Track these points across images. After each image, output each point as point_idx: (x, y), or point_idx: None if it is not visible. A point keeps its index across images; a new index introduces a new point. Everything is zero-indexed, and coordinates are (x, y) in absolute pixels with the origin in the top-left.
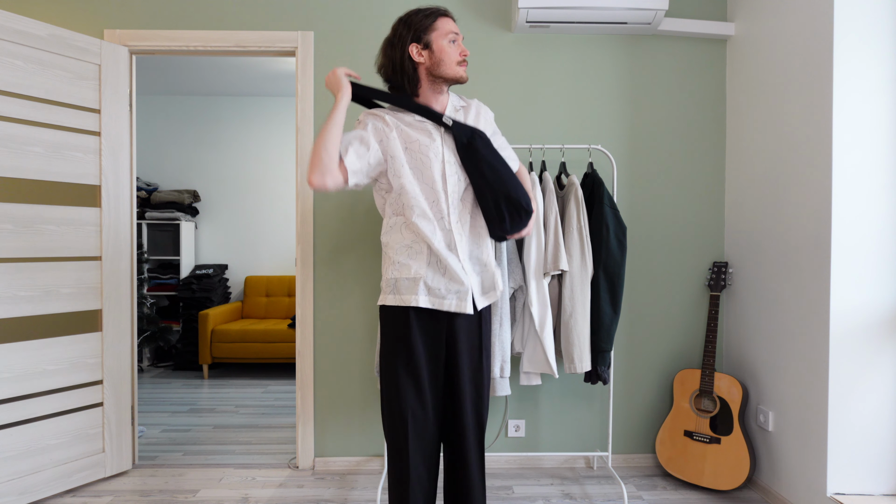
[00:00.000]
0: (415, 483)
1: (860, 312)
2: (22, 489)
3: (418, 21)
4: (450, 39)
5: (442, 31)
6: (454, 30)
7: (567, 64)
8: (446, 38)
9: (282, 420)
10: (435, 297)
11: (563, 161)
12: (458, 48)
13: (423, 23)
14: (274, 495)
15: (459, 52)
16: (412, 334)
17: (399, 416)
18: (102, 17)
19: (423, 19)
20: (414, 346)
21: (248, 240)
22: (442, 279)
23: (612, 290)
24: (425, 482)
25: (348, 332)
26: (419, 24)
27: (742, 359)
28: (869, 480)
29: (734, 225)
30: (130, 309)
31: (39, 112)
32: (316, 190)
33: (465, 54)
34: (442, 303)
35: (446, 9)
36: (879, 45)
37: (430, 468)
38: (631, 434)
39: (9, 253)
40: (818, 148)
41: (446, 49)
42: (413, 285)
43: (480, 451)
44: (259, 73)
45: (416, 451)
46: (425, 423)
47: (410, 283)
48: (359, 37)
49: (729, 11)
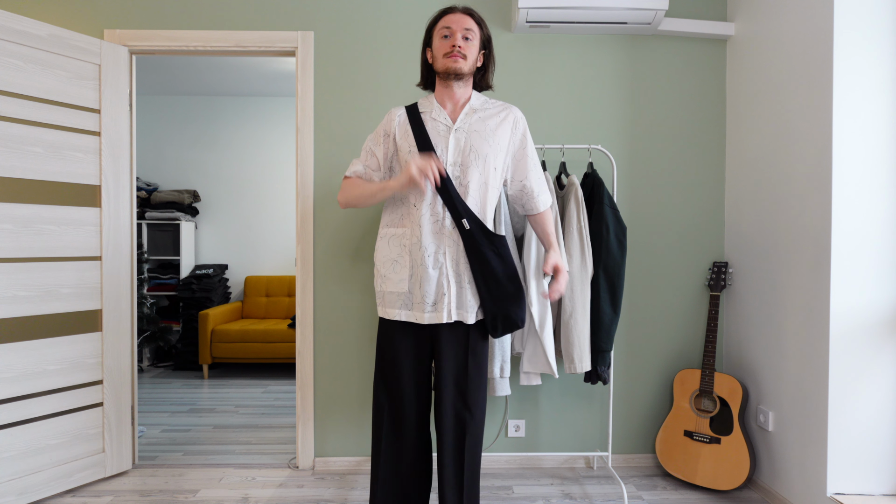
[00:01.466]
0: (384, 481)
1: (860, 312)
2: (22, 489)
3: (429, 24)
4: (442, 35)
5: (438, 28)
6: (447, 24)
7: (567, 64)
8: (439, 34)
9: (282, 420)
10: (417, 310)
11: (563, 161)
12: (450, 41)
13: (430, 24)
14: (274, 495)
15: (449, 45)
16: (395, 344)
17: (376, 421)
18: (102, 17)
19: (431, 21)
20: (397, 356)
21: (248, 240)
22: (420, 291)
23: (612, 290)
24: (396, 481)
25: (348, 332)
26: (428, 27)
27: (742, 359)
28: (869, 480)
29: (734, 225)
30: (130, 309)
31: (39, 112)
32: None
33: (452, 45)
34: (423, 316)
35: (453, 6)
36: (879, 44)
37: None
38: (631, 434)
39: (8, 253)
40: (818, 147)
41: (437, 44)
42: (396, 299)
43: (459, 454)
44: (259, 73)
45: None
46: (403, 434)
47: (394, 297)
48: (359, 37)
49: (729, 11)
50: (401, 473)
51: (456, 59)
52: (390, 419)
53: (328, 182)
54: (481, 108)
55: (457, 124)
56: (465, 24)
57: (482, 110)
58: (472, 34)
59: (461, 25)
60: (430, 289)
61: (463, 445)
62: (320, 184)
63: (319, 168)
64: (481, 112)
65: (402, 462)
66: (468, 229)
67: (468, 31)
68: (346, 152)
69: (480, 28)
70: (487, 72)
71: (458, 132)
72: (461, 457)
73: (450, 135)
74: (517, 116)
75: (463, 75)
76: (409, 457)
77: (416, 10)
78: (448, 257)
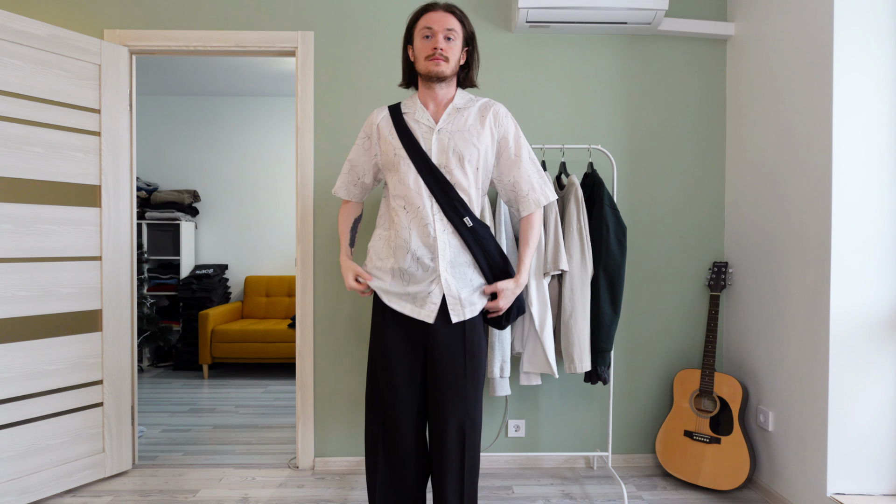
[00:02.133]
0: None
1: (860, 312)
2: (22, 489)
3: (409, 21)
4: (423, 35)
5: (419, 27)
6: (428, 23)
7: (567, 64)
8: (420, 35)
9: (282, 420)
10: (407, 302)
11: (563, 161)
12: (432, 42)
13: (411, 22)
14: (274, 495)
15: (431, 47)
16: (387, 331)
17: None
18: (102, 17)
19: (412, 18)
20: (388, 342)
21: (248, 240)
22: (409, 287)
23: (612, 290)
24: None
25: (348, 332)
26: (409, 24)
27: (742, 359)
28: (869, 480)
29: (734, 225)
30: (130, 309)
31: (39, 112)
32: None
33: (434, 48)
34: (416, 311)
35: (434, 3)
36: (879, 44)
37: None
38: (631, 434)
39: (9, 253)
40: (818, 147)
41: (419, 45)
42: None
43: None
44: (259, 73)
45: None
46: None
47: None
48: (359, 37)
49: (729, 11)
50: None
51: (438, 63)
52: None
53: (328, 182)
54: (465, 107)
55: (439, 125)
56: (447, 24)
57: (466, 109)
58: (455, 33)
59: (443, 25)
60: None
61: (463, 445)
62: (320, 184)
63: (319, 168)
64: (465, 111)
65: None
66: (462, 227)
67: (450, 30)
68: (346, 152)
69: (463, 25)
70: (471, 70)
71: (441, 133)
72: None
73: (432, 136)
74: (498, 112)
75: (445, 77)
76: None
77: (415, 10)
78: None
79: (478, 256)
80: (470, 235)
